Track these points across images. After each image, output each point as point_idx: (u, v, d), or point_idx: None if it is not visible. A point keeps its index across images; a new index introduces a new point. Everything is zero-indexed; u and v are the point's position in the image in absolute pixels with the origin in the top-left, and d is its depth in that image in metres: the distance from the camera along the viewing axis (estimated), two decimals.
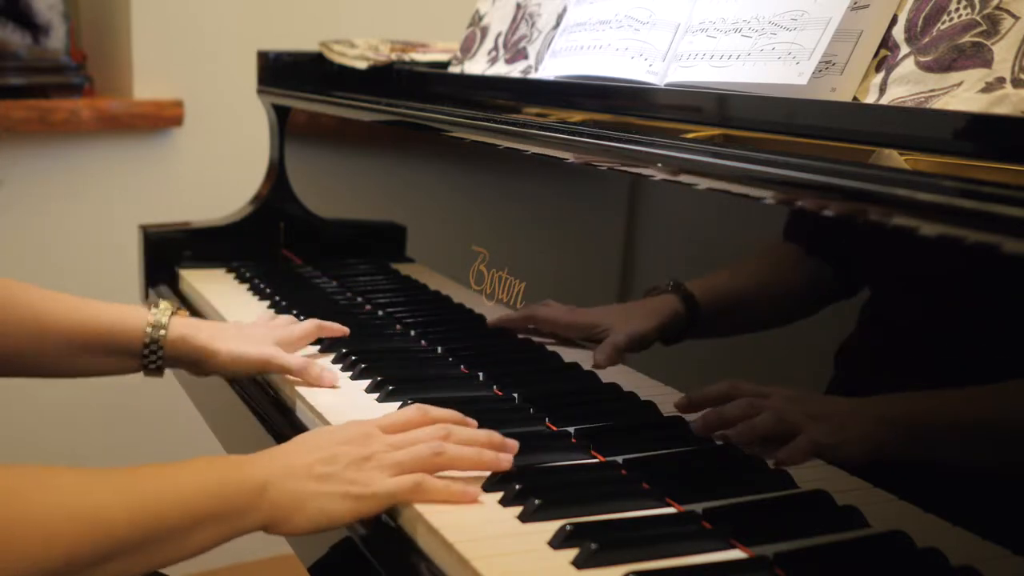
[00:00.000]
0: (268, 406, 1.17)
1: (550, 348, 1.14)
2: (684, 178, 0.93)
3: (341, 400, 1.10)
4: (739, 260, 0.94)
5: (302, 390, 1.13)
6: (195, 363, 1.19)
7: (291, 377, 1.17)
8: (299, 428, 1.10)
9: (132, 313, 1.19)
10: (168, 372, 1.22)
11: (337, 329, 1.27)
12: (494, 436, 0.93)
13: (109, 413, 2.25)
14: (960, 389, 0.73)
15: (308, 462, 0.88)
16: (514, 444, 0.93)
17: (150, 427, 2.31)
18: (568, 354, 1.11)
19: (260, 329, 1.24)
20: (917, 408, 0.76)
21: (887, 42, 0.93)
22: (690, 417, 0.93)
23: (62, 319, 1.16)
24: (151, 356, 1.18)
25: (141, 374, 1.21)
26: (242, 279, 1.63)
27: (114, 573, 0.80)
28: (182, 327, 1.18)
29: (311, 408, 1.09)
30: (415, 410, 0.96)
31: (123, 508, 0.81)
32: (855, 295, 0.82)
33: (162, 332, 1.17)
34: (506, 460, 0.90)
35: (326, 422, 1.05)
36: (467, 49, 1.55)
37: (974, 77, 0.84)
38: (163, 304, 1.20)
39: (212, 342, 1.18)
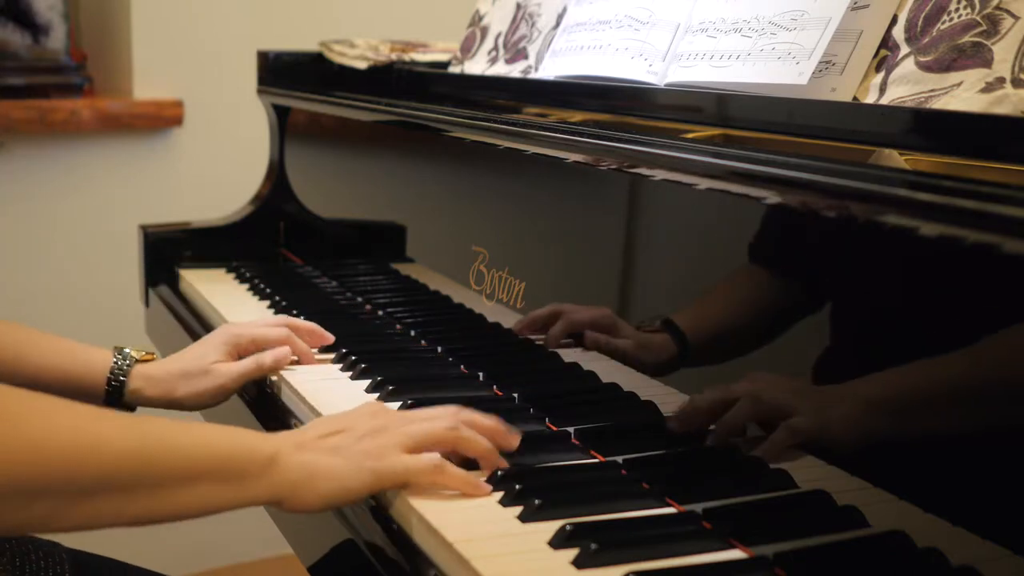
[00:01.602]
0: (267, 408, 1.18)
1: (551, 348, 1.14)
2: (684, 178, 0.93)
3: (342, 400, 1.10)
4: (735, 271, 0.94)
5: (303, 391, 1.13)
6: (167, 408, 1.18)
7: (286, 376, 1.17)
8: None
9: (99, 360, 1.17)
10: None
11: (317, 335, 1.23)
12: (499, 425, 0.92)
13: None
14: (960, 390, 0.73)
15: (320, 434, 0.87)
16: (516, 437, 0.93)
17: None
18: (568, 354, 1.11)
19: (202, 349, 1.19)
20: (918, 413, 0.76)
21: (887, 42, 0.93)
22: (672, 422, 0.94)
23: (35, 362, 1.15)
24: (116, 406, 1.16)
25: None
26: (242, 279, 1.63)
27: (108, 511, 0.79)
28: (139, 379, 1.16)
29: (312, 409, 1.09)
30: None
31: (123, 442, 0.79)
32: (854, 295, 0.82)
33: (121, 380, 1.15)
34: (503, 462, 0.91)
35: None
36: (467, 49, 1.55)
37: (974, 77, 0.84)
38: (127, 351, 1.17)
39: (171, 393, 1.16)
